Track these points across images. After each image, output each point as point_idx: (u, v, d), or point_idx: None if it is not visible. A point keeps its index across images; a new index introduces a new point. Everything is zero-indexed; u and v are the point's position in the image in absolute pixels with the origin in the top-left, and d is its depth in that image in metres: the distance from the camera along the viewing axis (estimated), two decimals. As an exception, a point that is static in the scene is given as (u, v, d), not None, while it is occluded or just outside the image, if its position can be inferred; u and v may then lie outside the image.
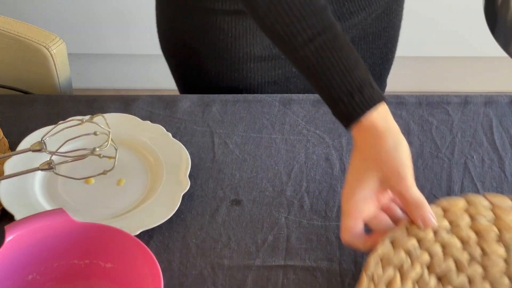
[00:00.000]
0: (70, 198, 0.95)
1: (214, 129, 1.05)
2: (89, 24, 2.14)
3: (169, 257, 0.89)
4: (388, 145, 0.83)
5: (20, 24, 1.20)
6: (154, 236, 0.91)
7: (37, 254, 0.81)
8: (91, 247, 0.82)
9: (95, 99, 1.09)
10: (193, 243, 0.91)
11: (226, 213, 0.95)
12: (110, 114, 1.02)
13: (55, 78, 1.22)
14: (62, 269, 0.83)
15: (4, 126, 1.04)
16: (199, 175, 0.98)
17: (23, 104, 1.08)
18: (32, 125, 1.03)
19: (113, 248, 0.81)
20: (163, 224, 0.91)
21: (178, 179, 0.96)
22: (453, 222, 0.85)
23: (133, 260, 0.80)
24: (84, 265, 0.83)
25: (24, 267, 0.81)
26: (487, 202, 0.87)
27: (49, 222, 0.80)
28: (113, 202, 0.95)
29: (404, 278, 0.81)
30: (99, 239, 0.81)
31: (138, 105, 1.08)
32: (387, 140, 0.83)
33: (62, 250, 0.82)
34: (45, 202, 0.94)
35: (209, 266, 0.89)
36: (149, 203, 0.94)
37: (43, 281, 0.83)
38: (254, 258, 0.90)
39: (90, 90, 2.19)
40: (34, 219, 0.80)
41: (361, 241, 0.85)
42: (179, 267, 0.89)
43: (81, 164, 0.90)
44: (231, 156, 1.02)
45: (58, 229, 0.80)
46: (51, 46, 1.18)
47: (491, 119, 1.07)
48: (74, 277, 0.83)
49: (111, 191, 0.96)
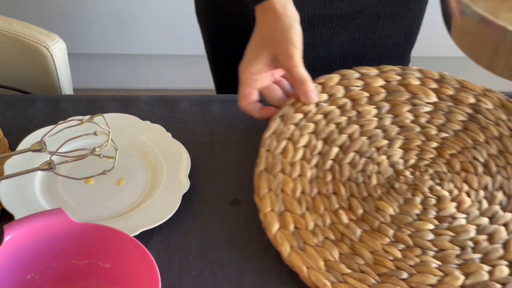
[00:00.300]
0: (70, 198, 0.95)
1: (214, 129, 1.05)
2: (89, 24, 2.14)
3: (169, 257, 0.89)
4: (283, 26, 0.94)
5: (20, 24, 1.20)
6: (154, 236, 0.91)
7: (36, 254, 0.81)
8: (90, 247, 0.82)
9: (95, 99, 1.09)
10: (193, 243, 0.91)
11: (226, 213, 0.95)
12: (110, 114, 1.02)
13: (55, 78, 1.22)
14: (61, 269, 0.83)
15: (4, 126, 1.04)
16: (199, 175, 0.98)
17: (23, 104, 1.08)
18: (32, 125, 1.03)
19: (111, 249, 0.81)
20: (163, 224, 0.91)
21: (178, 179, 0.96)
22: (331, 94, 1.00)
23: (132, 260, 0.80)
24: (82, 265, 0.83)
25: (23, 267, 0.81)
26: (358, 74, 1.03)
27: (48, 222, 0.80)
28: (113, 202, 0.95)
29: (295, 145, 0.95)
30: (98, 239, 0.81)
31: (138, 105, 1.08)
32: (283, 22, 0.94)
33: (61, 250, 0.82)
34: (45, 202, 0.94)
35: (209, 266, 0.89)
36: (149, 203, 0.94)
37: (42, 281, 0.83)
38: (254, 258, 0.90)
39: (90, 90, 2.19)
40: (33, 219, 0.80)
41: (256, 109, 0.99)
42: (179, 267, 0.89)
43: (81, 164, 0.90)
44: (231, 156, 1.02)
45: (57, 229, 0.80)
46: (51, 46, 1.19)
47: (491, 119, 1.07)
48: (72, 277, 0.83)
49: (111, 191, 0.96)
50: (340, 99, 1.00)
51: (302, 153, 0.95)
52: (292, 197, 0.90)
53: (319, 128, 0.97)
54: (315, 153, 0.95)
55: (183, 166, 0.97)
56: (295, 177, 0.92)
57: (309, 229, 0.88)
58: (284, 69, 0.97)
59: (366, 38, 1.19)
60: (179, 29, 2.09)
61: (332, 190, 0.91)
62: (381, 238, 0.88)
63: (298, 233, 0.87)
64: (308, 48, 1.16)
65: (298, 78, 0.97)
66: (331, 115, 0.99)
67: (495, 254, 0.87)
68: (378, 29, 1.19)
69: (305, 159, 0.94)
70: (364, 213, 0.90)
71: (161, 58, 2.22)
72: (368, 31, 1.19)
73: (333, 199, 0.91)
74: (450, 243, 0.88)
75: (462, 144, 0.97)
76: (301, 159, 0.94)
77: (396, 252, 0.87)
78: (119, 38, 2.17)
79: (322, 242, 0.87)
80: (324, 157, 0.95)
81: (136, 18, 2.11)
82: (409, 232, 0.88)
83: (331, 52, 1.19)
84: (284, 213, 0.89)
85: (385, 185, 0.93)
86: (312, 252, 0.85)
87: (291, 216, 0.88)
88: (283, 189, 0.91)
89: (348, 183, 0.92)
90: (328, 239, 0.87)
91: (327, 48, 1.18)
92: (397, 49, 1.26)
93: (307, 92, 0.98)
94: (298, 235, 0.87)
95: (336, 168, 0.93)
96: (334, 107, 0.99)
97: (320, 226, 0.88)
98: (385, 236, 0.88)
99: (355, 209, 0.90)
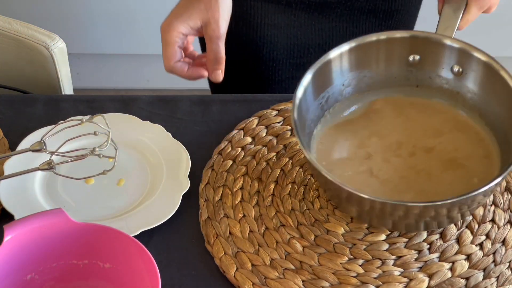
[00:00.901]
0: (70, 198, 0.95)
1: (214, 129, 1.05)
2: (89, 24, 2.14)
3: (169, 257, 0.89)
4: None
5: (20, 24, 1.20)
6: (154, 236, 0.91)
7: (36, 254, 0.81)
8: (90, 247, 0.82)
9: (95, 99, 1.09)
10: (193, 243, 0.91)
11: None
12: (110, 114, 1.02)
13: (55, 78, 1.22)
14: (61, 269, 0.83)
15: (4, 126, 1.04)
16: (199, 175, 0.98)
17: (23, 104, 1.08)
18: (32, 125, 1.03)
19: (111, 249, 0.81)
20: (163, 224, 0.91)
21: (178, 179, 0.96)
22: (255, 136, 1.01)
23: (131, 260, 0.80)
24: (82, 265, 0.83)
25: (23, 267, 0.81)
26: (275, 111, 1.04)
27: (48, 222, 0.80)
28: (113, 202, 0.95)
29: (232, 190, 0.95)
30: (97, 239, 0.81)
31: (138, 105, 1.08)
32: None
33: (61, 250, 0.82)
34: (45, 202, 0.94)
35: (209, 266, 0.89)
36: (149, 203, 0.94)
37: (42, 281, 0.83)
38: (254, 258, 0.90)
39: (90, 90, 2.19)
40: (33, 219, 0.80)
41: (184, 69, 0.96)
42: (179, 267, 0.89)
43: (81, 164, 0.90)
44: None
45: (57, 229, 0.80)
46: (51, 46, 1.18)
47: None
48: (72, 277, 0.83)
49: (111, 191, 0.96)
50: (264, 138, 1.00)
51: (241, 195, 0.94)
52: (243, 238, 0.90)
53: (251, 169, 0.97)
54: (253, 192, 0.95)
55: (183, 166, 0.97)
56: (240, 218, 0.92)
57: (267, 264, 0.88)
58: (207, 38, 0.96)
59: (347, 30, 1.18)
60: (179, 29, 2.09)
61: (279, 223, 0.91)
62: (339, 257, 0.88)
63: (257, 270, 0.87)
64: (285, 30, 1.16)
65: (216, 52, 0.95)
66: (260, 153, 0.99)
67: (451, 251, 0.89)
68: (360, 23, 1.18)
69: (245, 200, 0.94)
70: (316, 238, 0.90)
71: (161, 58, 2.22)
72: (350, 23, 1.18)
73: (283, 230, 0.91)
74: (406, 249, 0.89)
75: None
76: (241, 201, 0.94)
77: (357, 268, 0.87)
78: (119, 38, 2.16)
79: (283, 273, 0.87)
80: (263, 194, 0.95)
81: (136, 18, 2.11)
82: (364, 246, 0.89)
83: (310, 38, 1.17)
84: (239, 254, 0.89)
85: (329, 206, 0.93)
86: (275, 285, 0.86)
87: (246, 255, 0.88)
88: (231, 232, 0.91)
89: (293, 213, 0.92)
90: (288, 269, 0.87)
91: (306, 33, 1.17)
92: None
93: (217, 71, 0.96)
94: (258, 271, 0.87)
95: (278, 202, 0.93)
96: (260, 146, 1.00)
97: (277, 259, 0.88)
98: (343, 255, 0.88)
99: (306, 236, 0.90)
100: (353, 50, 0.96)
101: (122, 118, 1.04)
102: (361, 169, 0.93)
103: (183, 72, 0.97)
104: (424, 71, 0.98)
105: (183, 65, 0.97)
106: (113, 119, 0.99)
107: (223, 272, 0.87)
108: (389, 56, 0.98)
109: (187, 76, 0.97)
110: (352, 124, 0.97)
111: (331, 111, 0.98)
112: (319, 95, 0.96)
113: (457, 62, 0.95)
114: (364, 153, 0.94)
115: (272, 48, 1.17)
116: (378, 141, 0.95)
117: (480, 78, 0.95)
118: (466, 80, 0.96)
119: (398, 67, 0.98)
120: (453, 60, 0.96)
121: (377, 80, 0.99)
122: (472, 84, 0.96)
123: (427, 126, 0.97)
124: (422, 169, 0.92)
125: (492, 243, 0.89)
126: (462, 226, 0.91)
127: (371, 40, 0.96)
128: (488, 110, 0.95)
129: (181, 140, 1.01)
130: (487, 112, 0.95)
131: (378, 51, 0.97)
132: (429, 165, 0.93)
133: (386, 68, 0.98)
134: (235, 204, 0.93)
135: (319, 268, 0.87)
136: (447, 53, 0.95)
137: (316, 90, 0.95)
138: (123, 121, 1.03)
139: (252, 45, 1.18)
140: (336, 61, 0.96)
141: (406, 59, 0.97)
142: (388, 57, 0.98)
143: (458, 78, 0.96)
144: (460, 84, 0.96)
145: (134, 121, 1.03)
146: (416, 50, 0.97)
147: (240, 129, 1.02)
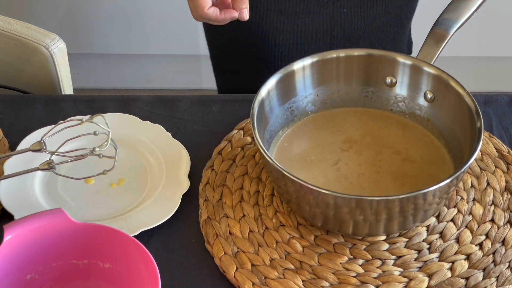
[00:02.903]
0: (70, 198, 0.95)
1: (214, 129, 1.05)
2: (89, 24, 2.14)
3: (169, 257, 0.89)
4: None
5: (20, 24, 1.20)
6: (154, 236, 0.91)
7: (36, 254, 0.81)
8: (90, 247, 0.82)
9: (95, 99, 1.09)
10: (193, 243, 0.91)
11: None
12: (110, 114, 1.02)
13: (55, 78, 1.22)
14: (61, 269, 0.83)
15: (4, 126, 1.04)
16: (199, 175, 0.98)
17: (23, 104, 1.08)
18: (32, 125, 1.03)
19: (111, 249, 0.81)
20: (163, 224, 0.91)
21: (178, 179, 0.96)
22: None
23: (132, 260, 0.80)
24: (82, 265, 0.83)
25: (23, 267, 0.81)
26: None
27: (48, 222, 0.80)
28: (113, 202, 0.95)
29: (232, 190, 0.95)
30: (97, 239, 0.81)
31: (138, 105, 1.08)
32: None
33: (61, 250, 0.82)
34: (44, 202, 0.94)
35: (209, 266, 0.89)
36: (149, 203, 0.94)
37: (42, 281, 0.83)
38: (254, 258, 0.90)
39: (90, 90, 2.19)
40: (33, 218, 0.80)
41: (217, 12, 0.99)
42: (179, 267, 0.89)
43: (81, 164, 0.90)
44: (231, 156, 1.02)
45: (57, 229, 0.80)
46: (51, 46, 1.18)
47: (491, 118, 1.07)
48: (72, 277, 0.83)
49: (111, 191, 0.96)
50: None
51: (240, 195, 0.94)
52: (243, 238, 0.90)
53: (251, 169, 0.97)
54: (253, 192, 0.95)
55: (183, 166, 0.97)
56: (240, 218, 0.92)
57: (267, 264, 0.88)
58: None
59: (355, 14, 1.18)
60: (179, 29, 2.09)
61: (279, 223, 0.91)
62: (339, 257, 0.88)
63: (257, 270, 0.87)
64: (294, 18, 1.16)
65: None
66: (259, 154, 0.98)
67: (451, 250, 0.89)
68: (367, 7, 1.18)
69: (245, 200, 0.94)
70: (316, 238, 0.90)
71: (161, 58, 2.22)
72: (357, 7, 1.18)
73: (283, 231, 0.91)
74: (406, 248, 0.89)
75: None
76: (241, 201, 0.94)
77: (357, 267, 0.88)
78: (119, 38, 2.16)
79: (283, 273, 0.87)
80: (263, 194, 0.95)
81: (136, 18, 2.11)
82: (364, 246, 0.89)
83: (318, 24, 1.17)
84: (239, 254, 0.89)
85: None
86: (275, 284, 0.86)
87: (246, 255, 0.88)
88: (231, 231, 0.91)
89: (293, 213, 0.92)
90: (288, 269, 0.87)
91: (314, 19, 1.17)
92: (387, 30, 1.24)
93: (243, 10, 0.99)
94: (258, 271, 0.87)
95: (278, 202, 0.94)
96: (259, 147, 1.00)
97: (277, 259, 0.88)
98: (343, 255, 0.89)
99: (306, 236, 0.90)
100: (314, 64, 0.97)
101: (122, 118, 1.04)
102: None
103: (217, 16, 1.00)
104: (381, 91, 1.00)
105: (216, 10, 0.99)
106: (113, 119, 1.00)
107: (223, 272, 0.87)
108: (348, 74, 1.00)
109: (221, 19, 1.00)
110: (316, 122, 1.00)
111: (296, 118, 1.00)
112: (285, 102, 0.98)
113: (410, 77, 0.98)
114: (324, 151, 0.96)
115: (278, 34, 1.18)
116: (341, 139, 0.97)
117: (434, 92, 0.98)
118: (419, 99, 0.99)
119: (356, 86, 1.01)
120: (406, 76, 0.98)
121: (337, 99, 1.01)
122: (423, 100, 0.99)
123: (390, 130, 0.99)
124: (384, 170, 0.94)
125: (492, 243, 0.90)
126: (462, 226, 0.91)
127: (332, 56, 0.98)
128: (439, 121, 0.97)
129: (181, 140, 1.01)
130: (438, 123, 0.98)
131: (338, 68, 0.99)
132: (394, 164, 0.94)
133: (346, 86, 1.01)
134: (235, 204, 0.93)
135: (319, 268, 0.87)
136: (400, 69, 0.98)
137: (281, 97, 0.97)
138: (123, 121, 1.03)
139: (257, 30, 1.18)
140: (299, 73, 0.97)
141: (384, 80, 1.00)
142: (347, 74, 1.00)
143: (412, 97, 0.99)
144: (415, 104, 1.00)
145: (134, 121, 1.03)
146: (371, 67, 0.99)
147: (240, 129, 1.03)
